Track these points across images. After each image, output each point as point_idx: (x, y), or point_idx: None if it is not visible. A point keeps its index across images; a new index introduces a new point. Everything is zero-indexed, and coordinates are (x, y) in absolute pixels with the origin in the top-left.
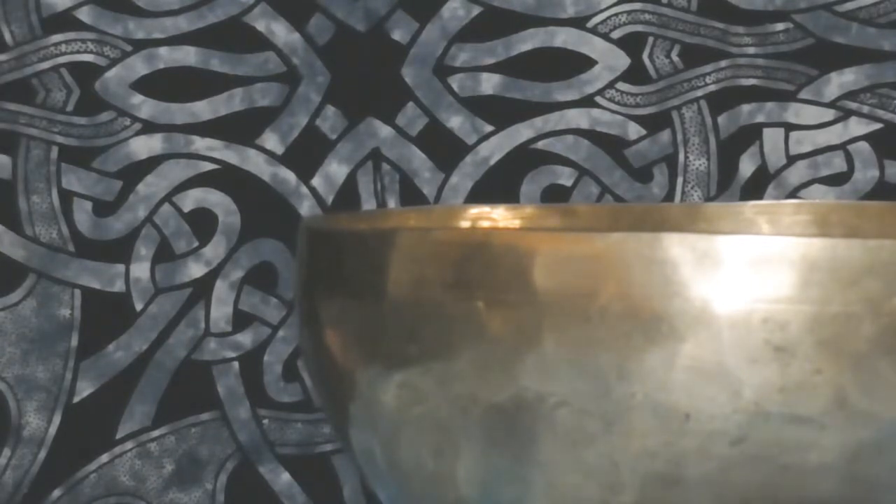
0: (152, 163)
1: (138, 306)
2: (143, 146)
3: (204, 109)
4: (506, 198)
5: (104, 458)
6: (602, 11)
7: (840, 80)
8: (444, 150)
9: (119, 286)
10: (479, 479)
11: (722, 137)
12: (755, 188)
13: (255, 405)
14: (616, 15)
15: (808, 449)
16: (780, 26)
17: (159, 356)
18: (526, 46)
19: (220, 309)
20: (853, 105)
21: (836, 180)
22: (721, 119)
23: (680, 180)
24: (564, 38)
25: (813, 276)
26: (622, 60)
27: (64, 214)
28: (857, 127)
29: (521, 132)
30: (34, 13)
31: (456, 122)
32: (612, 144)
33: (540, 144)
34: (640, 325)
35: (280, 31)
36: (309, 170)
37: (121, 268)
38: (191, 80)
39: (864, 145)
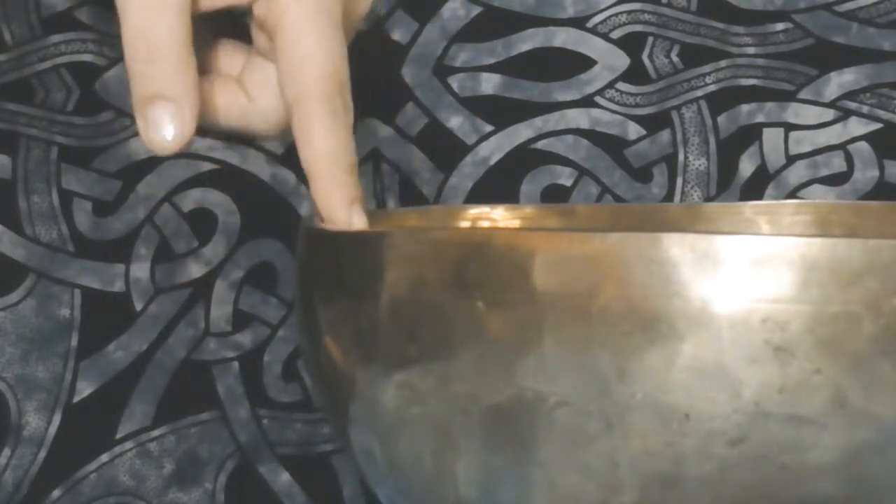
0: (152, 163)
1: (138, 306)
2: (143, 146)
3: None
4: (506, 198)
5: (104, 458)
6: (602, 11)
7: (840, 80)
8: (444, 150)
9: (119, 286)
10: (479, 479)
11: (722, 137)
12: (755, 188)
13: (255, 405)
14: (616, 15)
15: (808, 449)
16: (780, 26)
17: (159, 356)
18: (526, 46)
19: (220, 309)
20: (853, 105)
21: (835, 180)
22: (721, 119)
23: (680, 180)
24: (564, 38)
25: (813, 276)
26: (622, 60)
27: (64, 214)
28: (857, 127)
29: (521, 132)
30: (34, 13)
31: (456, 122)
32: (612, 144)
33: (540, 144)
34: (640, 325)
35: None
36: None
37: (121, 268)
38: None
39: (863, 145)
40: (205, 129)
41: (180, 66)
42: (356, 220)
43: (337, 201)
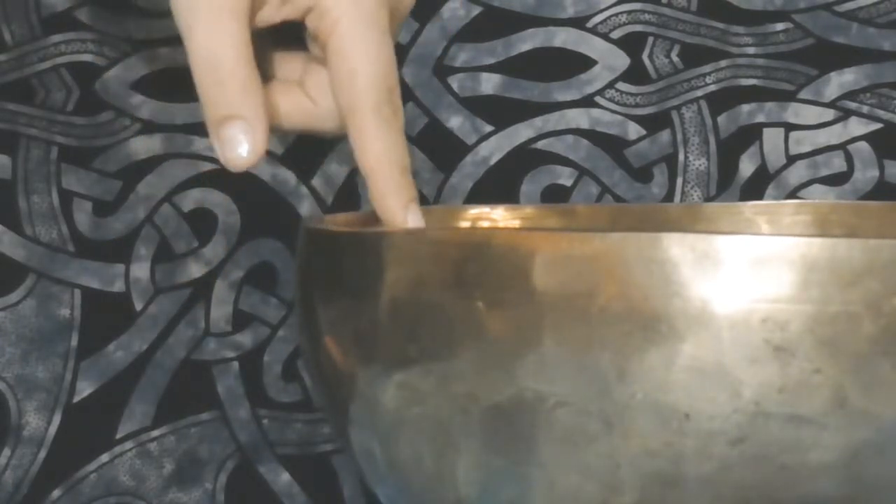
0: (152, 163)
1: (138, 306)
2: (143, 146)
3: None
4: (506, 198)
5: (104, 458)
6: (602, 11)
7: (840, 80)
8: (444, 150)
9: (119, 286)
10: (479, 479)
11: (722, 137)
12: (755, 188)
13: (255, 405)
14: (616, 15)
15: (808, 449)
16: (780, 26)
17: (159, 356)
18: (526, 46)
19: (220, 309)
20: (853, 105)
21: (835, 180)
22: (721, 119)
23: (680, 180)
24: (564, 38)
25: (813, 276)
26: (622, 60)
27: (64, 214)
28: (857, 127)
29: (521, 132)
30: (34, 13)
31: (456, 122)
32: (612, 144)
33: (540, 144)
34: (640, 325)
35: None
36: (309, 170)
37: (121, 268)
38: (191, 80)
39: (863, 145)
40: (272, 132)
41: (247, 84)
42: (412, 220)
43: (393, 203)
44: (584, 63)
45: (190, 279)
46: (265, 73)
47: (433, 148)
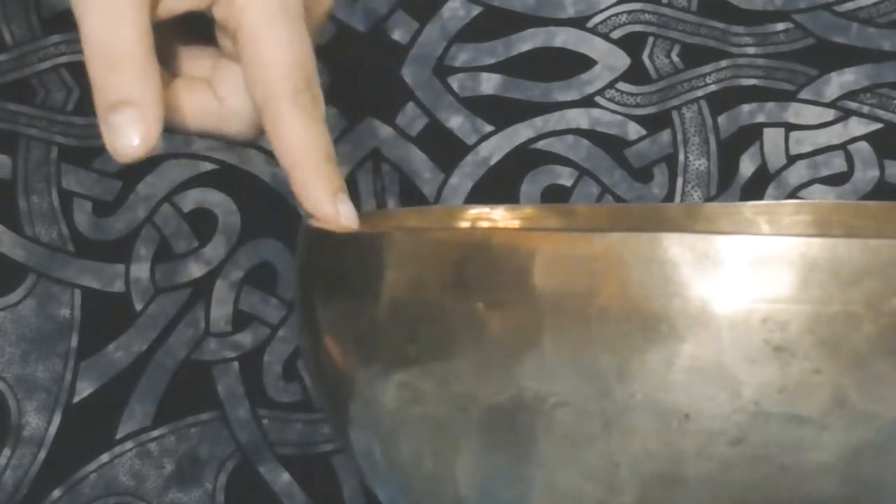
0: (152, 163)
1: (138, 306)
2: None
3: None
4: (506, 198)
5: (104, 458)
6: (602, 11)
7: (840, 80)
8: (444, 150)
9: (119, 286)
10: (478, 479)
11: (722, 137)
12: (755, 188)
13: (255, 405)
14: (616, 15)
15: (808, 449)
16: (780, 26)
17: (159, 356)
18: (526, 46)
19: (220, 309)
20: (853, 105)
21: (836, 180)
22: (721, 119)
23: (680, 180)
24: (564, 38)
25: (813, 276)
26: (622, 60)
27: (64, 214)
28: (857, 127)
29: (521, 132)
30: (34, 13)
31: (456, 122)
32: (612, 144)
33: (540, 144)
34: (640, 325)
35: None
36: None
37: (121, 268)
38: None
39: (864, 145)
40: (177, 132)
41: (142, 71)
42: (343, 210)
43: (320, 194)
44: (584, 63)
45: (190, 279)
46: (172, 71)
47: (433, 148)
